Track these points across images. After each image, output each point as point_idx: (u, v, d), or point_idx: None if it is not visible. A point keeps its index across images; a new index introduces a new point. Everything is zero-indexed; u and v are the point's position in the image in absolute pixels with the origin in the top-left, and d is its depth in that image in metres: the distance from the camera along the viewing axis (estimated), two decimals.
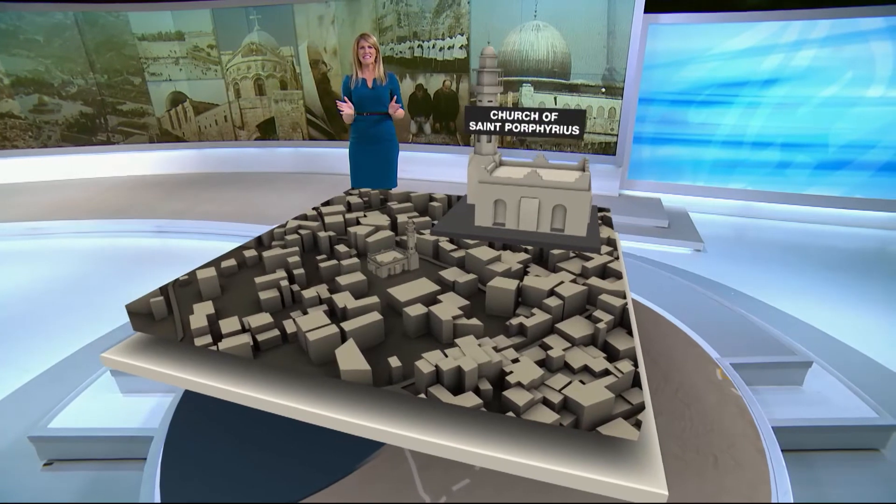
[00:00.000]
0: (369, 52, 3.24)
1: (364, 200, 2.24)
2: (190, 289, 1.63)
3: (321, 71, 6.19)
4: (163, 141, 6.90)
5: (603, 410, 1.00)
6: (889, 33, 4.44)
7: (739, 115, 5.07)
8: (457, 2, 5.31)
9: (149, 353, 1.39)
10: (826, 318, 3.03)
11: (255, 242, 1.90)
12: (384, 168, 3.59)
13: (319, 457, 1.53)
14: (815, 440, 2.08)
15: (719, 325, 2.74)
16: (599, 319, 1.23)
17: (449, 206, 2.19)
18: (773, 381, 2.40)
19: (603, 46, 5.04)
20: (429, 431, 1.00)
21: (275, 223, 4.70)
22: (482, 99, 1.55)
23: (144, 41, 6.42)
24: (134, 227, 4.97)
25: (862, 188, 4.94)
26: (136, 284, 3.72)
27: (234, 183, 6.35)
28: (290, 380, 1.21)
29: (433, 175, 6.17)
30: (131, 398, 2.39)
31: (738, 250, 4.35)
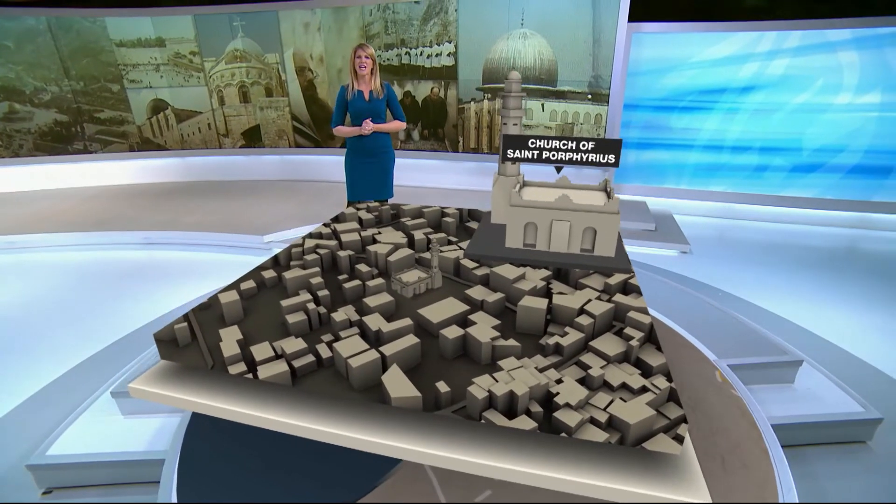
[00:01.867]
0: (366, 62, 3.21)
1: (374, 215, 2.25)
2: (210, 312, 1.61)
3: (307, 78, 6.13)
4: (144, 149, 6.71)
5: (646, 427, 1.05)
6: (855, 44, 4.68)
7: (719, 120, 5.25)
8: (444, 10, 5.34)
9: (179, 382, 1.37)
10: (808, 316, 3.17)
11: (272, 262, 1.88)
12: (381, 179, 3.59)
13: (339, 475, 1.53)
14: (808, 435, 2.17)
15: (712, 326, 2.84)
16: (631, 337, 1.27)
17: (461, 221, 2.21)
18: (767, 379, 2.49)
19: (589, 54, 5.15)
20: (483, 455, 1.03)
21: (265, 233, 4.67)
22: (508, 122, 1.59)
23: (123, 47, 6.23)
24: (118, 240, 4.80)
25: (833, 189, 5.19)
26: (126, 300, 3.61)
27: (219, 192, 6.22)
28: (333, 406, 1.21)
29: (423, 181, 6.19)
30: (134, 420, 2.31)
31: (722, 251, 4.52)
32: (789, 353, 2.56)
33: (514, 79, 1.57)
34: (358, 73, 3.26)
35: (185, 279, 3.97)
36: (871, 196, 5.11)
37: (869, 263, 4.23)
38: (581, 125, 5.47)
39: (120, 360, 2.75)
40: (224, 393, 1.31)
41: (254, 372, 1.27)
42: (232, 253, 4.60)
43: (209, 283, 3.80)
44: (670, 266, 4.08)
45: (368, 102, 3.33)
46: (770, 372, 2.49)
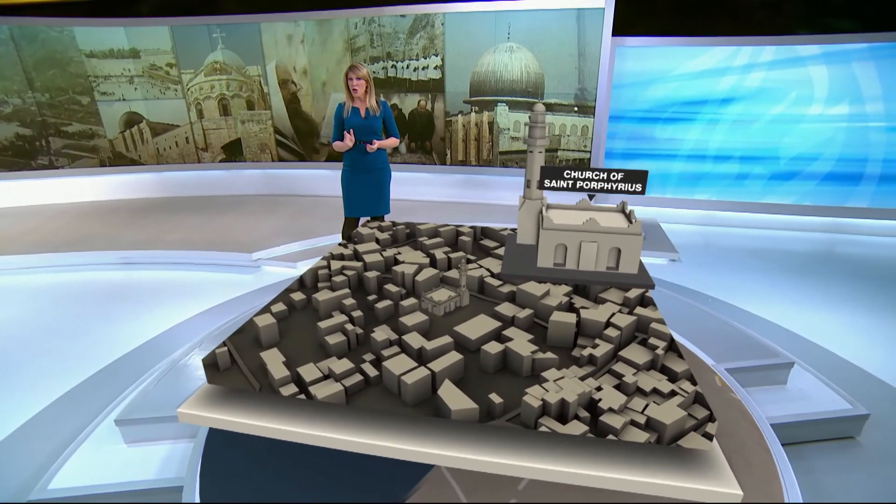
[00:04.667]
0: (358, 84, 3.37)
1: (390, 234, 2.39)
2: (244, 336, 1.71)
3: (291, 91, 6.22)
4: (116, 164, 6.63)
5: (679, 427, 1.21)
6: (824, 59, 5.13)
7: (701, 130, 5.62)
8: (430, 23, 5.55)
9: (228, 405, 1.47)
10: (793, 319, 3.44)
11: (298, 284, 1.99)
12: (377, 194, 3.73)
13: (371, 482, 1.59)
14: (803, 433, 2.38)
15: (708, 332, 3.05)
16: (655, 346, 1.45)
17: (475, 239, 2.38)
18: (761, 382, 2.70)
19: (574, 67, 5.44)
20: (536, 459, 1.18)
21: (253, 250, 4.72)
22: (534, 150, 1.77)
23: (93, 58, 6.18)
24: (93, 260, 4.72)
25: (809, 196, 5.61)
26: (109, 323, 3.52)
27: (200, 208, 6.20)
28: (388, 422, 1.34)
29: (411, 194, 6.34)
30: (139, 448, 2.31)
31: (708, 258, 4.82)
32: (780, 356, 2.78)
33: (539, 111, 1.77)
34: (353, 96, 3.44)
35: (172, 299, 3.95)
36: (843, 202, 5.54)
37: (845, 267, 4.59)
38: (568, 136, 5.74)
39: (114, 386, 2.74)
40: (276, 414, 1.41)
41: (306, 392, 1.38)
42: (219, 271, 4.61)
43: (198, 302, 3.81)
44: (661, 274, 4.32)
45: (364, 119, 3.49)
46: (764, 374, 2.70)
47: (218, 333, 3.12)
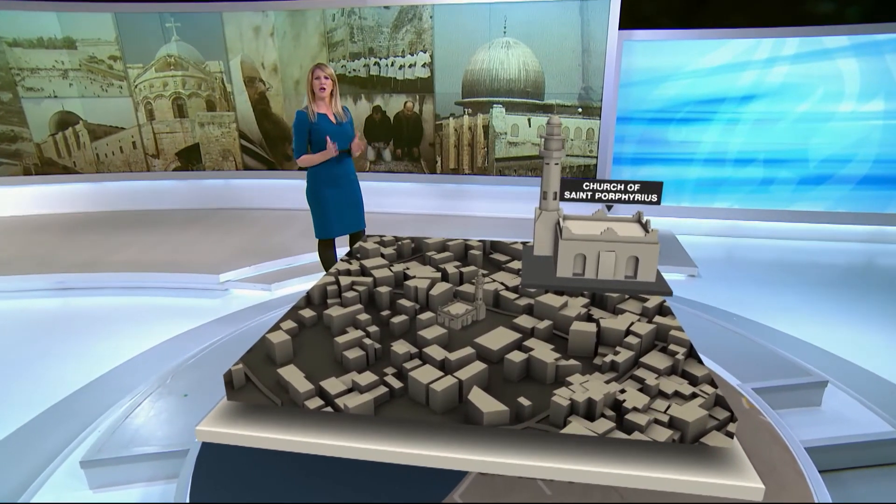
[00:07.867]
0: (325, 83, 3.53)
1: (394, 249, 2.72)
2: (255, 354, 1.99)
3: (258, 90, 6.56)
4: (44, 173, 6.82)
5: (701, 425, 1.54)
6: (853, 51, 5.66)
7: (720, 131, 6.11)
8: (417, 16, 5.98)
9: (250, 421, 1.75)
10: (827, 337, 3.78)
11: (305, 301, 2.29)
12: (357, 208, 3.95)
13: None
14: (842, 459, 2.55)
15: (732, 350, 3.33)
16: (676, 352, 1.79)
17: (484, 254, 2.72)
18: (793, 403, 2.97)
19: (578, 65, 5.90)
20: (565, 460, 1.49)
21: (220, 271, 4.94)
22: (550, 162, 2.14)
23: (17, 47, 6.38)
24: (22, 286, 4.86)
25: (844, 202, 6.10)
26: (48, 357, 3.58)
27: (150, 224, 6.42)
28: (417, 430, 1.63)
29: (397, 207, 6.67)
30: (105, 493, 2.46)
31: (732, 272, 5.22)
32: (813, 374, 3.06)
33: (555, 122, 2.14)
34: (317, 95, 3.58)
35: (122, 328, 4.12)
36: (884, 208, 6.03)
37: (887, 279, 5.00)
38: (572, 141, 6.18)
39: (68, 427, 2.88)
40: (302, 428, 1.70)
41: (333, 405, 1.67)
42: (180, 296, 4.82)
43: (156, 331, 3.98)
44: (679, 291, 4.67)
45: (338, 126, 3.65)
46: (796, 395, 2.98)
47: (193, 363, 3.35)
